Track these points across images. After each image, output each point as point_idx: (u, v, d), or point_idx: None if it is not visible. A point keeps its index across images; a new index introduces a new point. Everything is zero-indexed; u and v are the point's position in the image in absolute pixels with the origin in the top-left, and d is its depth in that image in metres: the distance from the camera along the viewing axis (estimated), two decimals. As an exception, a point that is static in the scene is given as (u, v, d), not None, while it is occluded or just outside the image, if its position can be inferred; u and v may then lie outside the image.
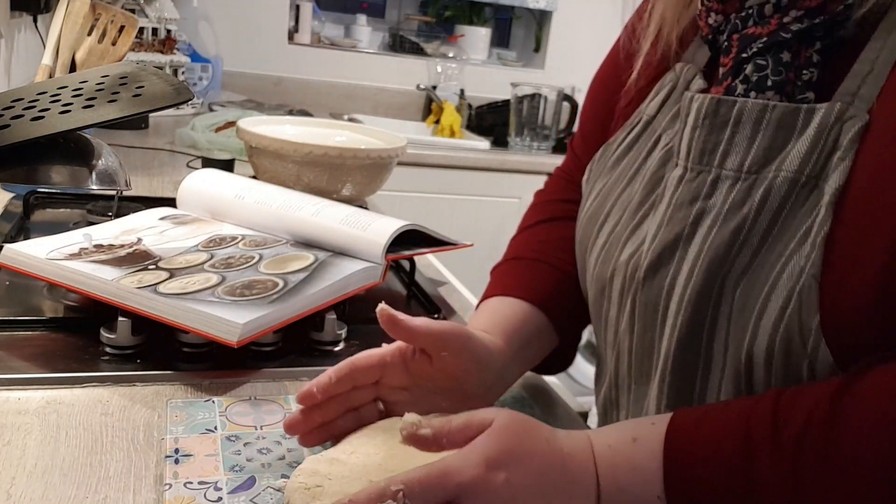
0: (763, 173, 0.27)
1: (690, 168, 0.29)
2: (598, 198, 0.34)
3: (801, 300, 0.24)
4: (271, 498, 0.27)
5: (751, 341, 0.26)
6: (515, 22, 1.71)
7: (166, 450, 0.30)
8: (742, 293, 0.26)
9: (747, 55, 0.29)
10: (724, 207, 0.28)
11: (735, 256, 0.27)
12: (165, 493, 0.27)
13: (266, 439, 0.31)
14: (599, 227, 0.33)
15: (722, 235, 0.27)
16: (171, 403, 0.33)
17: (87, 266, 0.39)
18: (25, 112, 0.45)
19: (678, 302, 0.28)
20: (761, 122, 0.27)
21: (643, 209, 0.31)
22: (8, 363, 0.35)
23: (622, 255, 0.31)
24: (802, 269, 0.25)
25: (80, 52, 0.63)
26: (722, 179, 0.28)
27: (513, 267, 0.39)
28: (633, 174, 0.33)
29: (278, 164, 0.60)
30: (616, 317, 0.32)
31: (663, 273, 0.29)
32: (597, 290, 0.33)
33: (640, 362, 0.31)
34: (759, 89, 0.28)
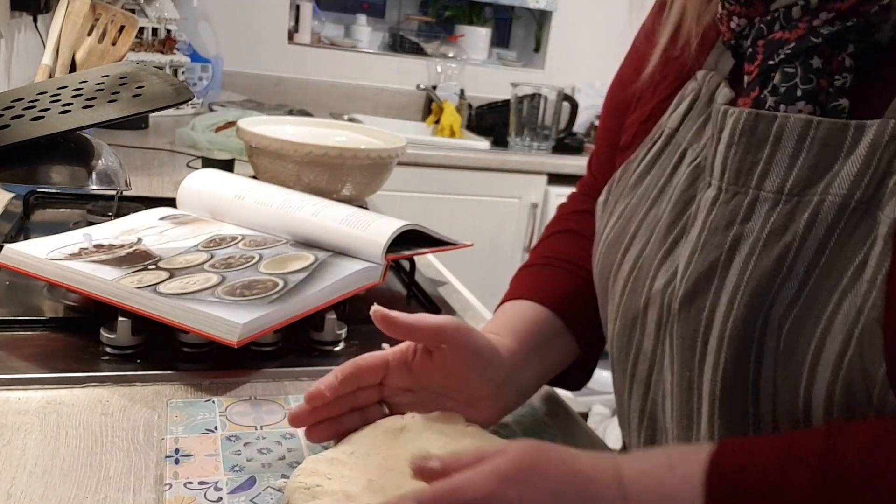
0: (807, 196, 0.25)
1: (725, 189, 0.27)
2: (620, 221, 0.32)
3: (863, 347, 0.22)
4: (271, 498, 0.27)
5: (807, 389, 0.24)
6: (515, 22, 1.71)
7: (166, 450, 0.30)
8: (790, 332, 0.24)
9: (774, 62, 0.26)
10: (764, 233, 0.25)
11: (779, 288, 0.25)
12: (165, 493, 0.27)
13: (266, 439, 0.31)
14: (624, 253, 0.31)
15: (764, 264, 0.25)
16: (171, 403, 0.33)
17: (87, 266, 0.39)
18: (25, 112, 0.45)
19: (718, 337, 0.26)
20: (805, 139, 0.25)
21: (674, 232, 0.29)
22: (8, 363, 0.35)
23: (656, 283, 0.29)
24: (860, 310, 0.22)
25: (80, 52, 0.63)
26: (760, 202, 0.26)
27: (528, 272, 0.38)
28: (658, 193, 0.30)
29: (278, 164, 0.60)
30: (652, 351, 0.29)
31: (699, 304, 0.26)
32: (626, 322, 0.30)
33: (681, 406, 0.28)
34: (788, 101, 0.26)
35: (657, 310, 0.29)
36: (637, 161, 0.32)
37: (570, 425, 0.36)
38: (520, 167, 1.26)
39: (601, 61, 1.63)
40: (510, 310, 0.35)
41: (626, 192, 0.32)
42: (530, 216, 1.28)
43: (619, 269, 0.31)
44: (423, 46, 1.56)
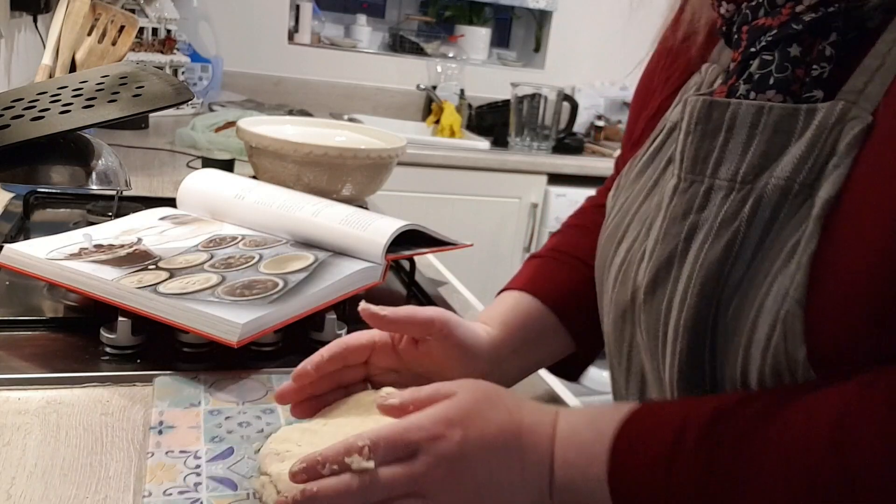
0: (758, 182, 0.25)
1: (684, 178, 0.27)
2: (618, 214, 0.32)
3: (786, 329, 0.22)
4: (247, 466, 0.28)
5: (743, 372, 0.24)
6: (515, 22, 1.70)
7: (151, 422, 0.30)
8: (732, 316, 0.24)
9: (755, 49, 0.26)
10: (717, 221, 0.25)
11: (728, 274, 0.25)
12: (147, 460, 0.28)
13: (247, 414, 0.32)
14: (617, 246, 0.31)
15: (714, 252, 0.25)
16: (158, 380, 0.34)
17: (87, 266, 0.39)
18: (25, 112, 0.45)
19: (675, 327, 0.26)
20: (757, 126, 0.25)
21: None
22: (8, 363, 0.35)
23: (638, 275, 0.29)
24: (786, 293, 0.22)
25: (80, 52, 0.63)
26: (715, 190, 0.26)
27: (533, 264, 0.38)
28: (652, 186, 0.30)
29: (278, 164, 0.60)
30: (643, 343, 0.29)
31: (660, 295, 0.27)
32: (617, 314, 0.30)
33: (660, 395, 0.29)
34: (759, 88, 0.25)
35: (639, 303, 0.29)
36: (640, 155, 0.32)
37: (546, 400, 0.36)
38: (520, 167, 1.26)
39: (601, 61, 1.63)
40: (507, 300, 0.36)
41: (627, 185, 0.32)
42: (530, 216, 1.28)
43: (612, 261, 0.31)
44: (423, 46, 1.56)
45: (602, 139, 1.50)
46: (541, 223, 1.28)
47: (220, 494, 0.26)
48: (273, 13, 1.43)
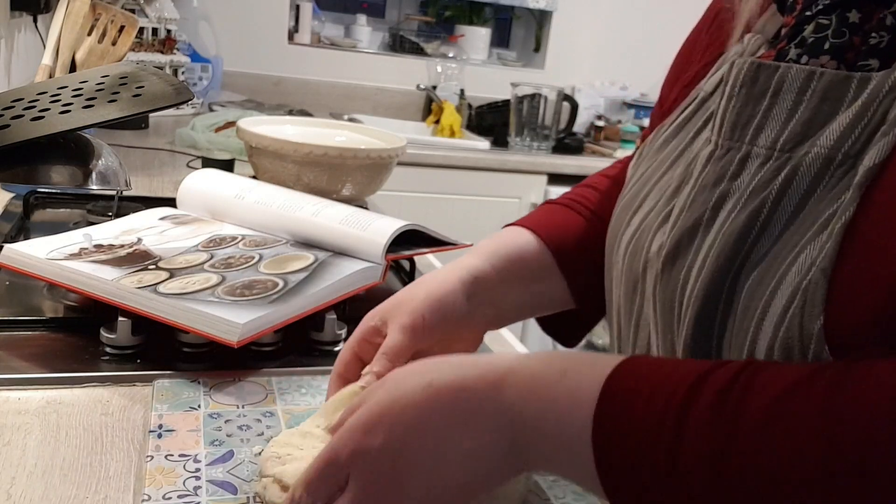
0: (798, 151, 0.23)
1: (721, 144, 0.25)
2: (637, 183, 0.30)
3: (806, 299, 0.21)
4: (247, 469, 0.28)
5: (750, 348, 0.22)
6: (515, 22, 1.71)
7: (150, 425, 0.30)
8: (749, 289, 0.22)
9: (811, 13, 0.24)
10: (748, 190, 0.23)
11: (751, 247, 0.23)
12: (147, 464, 0.28)
13: (247, 417, 0.32)
14: (632, 216, 0.29)
15: (738, 221, 0.23)
16: (157, 383, 0.34)
17: (87, 266, 0.39)
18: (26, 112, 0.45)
19: (688, 298, 0.24)
20: (805, 91, 0.23)
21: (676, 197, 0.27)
22: (8, 363, 0.35)
23: (653, 245, 0.27)
24: (813, 262, 0.21)
25: (80, 52, 0.63)
26: (752, 158, 0.24)
27: (544, 208, 0.37)
28: (676, 157, 0.28)
29: (278, 164, 0.60)
30: (652, 318, 0.28)
31: (680, 265, 0.25)
32: (628, 287, 0.29)
33: None
34: (813, 53, 0.23)
35: (654, 273, 0.27)
36: (668, 124, 0.31)
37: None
38: (520, 167, 1.26)
39: (601, 61, 1.63)
40: (504, 234, 0.35)
41: (650, 154, 0.31)
42: (530, 216, 1.28)
43: (625, 231, 0.29)
44: (423, 46, 1.56)
45: (602, 139, 1.50)
46: (541, 223, 1.28)
47: (219, 498, 0.26)
48: (273, 13, 1.43)
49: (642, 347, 0.29)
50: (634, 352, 0.30)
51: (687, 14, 0.40)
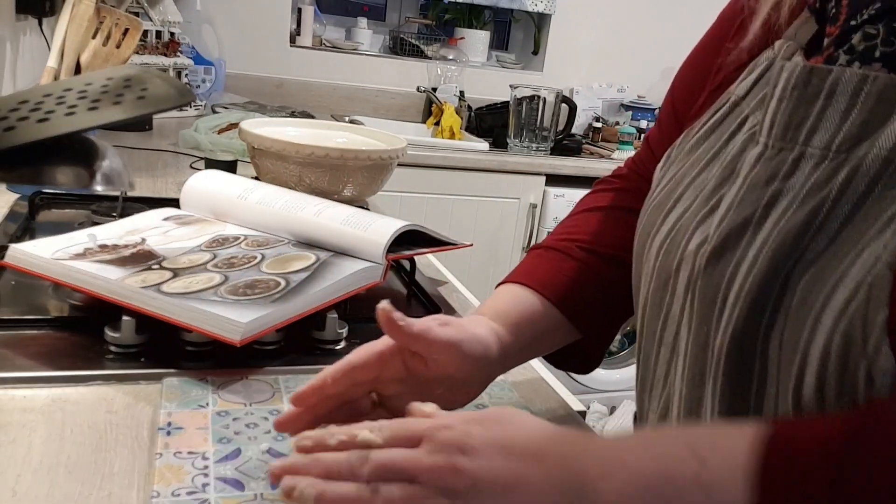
0: (855, 152, 0.23)
1: (772, 145, 0.26)
2: (669, 184, 0.30)
3: (871, 292, 0.21)
4: (255, 467, 0.28)
5: (808, 340, 0.22)
6: (514, 25, 1.71)
7: (159, 423, 0.31)
8: (806, 284, 0.23)
9: (857, 22, 0.25)
10: (804, 189, 0.24)
11: (808, 244, 0.23)
12: (156, 461, 0.28)
13: (254, 415, 0.32)
14: (666, 215, 0.29)
15: (795, 220, 0.24)
16: (166, 381, 0.34)
17: (92, 266, 0.39)
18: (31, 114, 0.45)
19: (737, 292, 0.24)
20: (859, 94, 0.24)
21: (718, 195, 0.27)
22: (14, 362, 0.35)
23: (690, 244, 0.27)
24: (878, 258, 0.21)
25: (84, 54, 0.63)
26: (806, 158, 0.24)
27: (539, 256, 0.36)
28: (710, 158, 0.29)
29: (280, 165, 0.60)
30: (680, 313, 0.28)
31: (727, 260, 0.25)
32: (658, 284, 0.29)
33: (693, 363, 0.27)
34: (864, 60, 0.24)
35: (688, 271, 0.27)
36: (699, 126, 0.31)
37: (568, 423, 0.37)
38: (519, 168, 1.26)
39: (599, 63, 1.64)
40: (511, 295, 0.34)
41: (681, 156, 0.31)
42: (529, 216, 1.28)
43: (659, 230, 0.30)
44: (424, 49, 1.56)
45: (600, 140, 1.50)
46: (539, 223, 1.28)
47: (228, 495, 0.27)
48: (275, 16, 1.43)
49: (668, 343, 0.29)
50: (660, 347, 0.30)
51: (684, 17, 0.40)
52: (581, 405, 0.39)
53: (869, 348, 0.21)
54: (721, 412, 0.26)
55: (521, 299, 0.34)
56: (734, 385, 0.25)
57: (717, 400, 0.26)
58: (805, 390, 0.23)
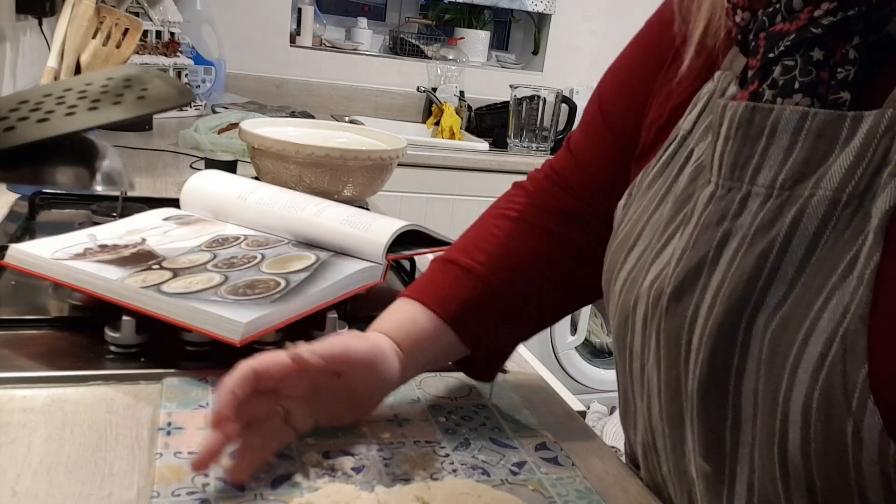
0: (797, 190, 0.24)
1: (721, 184, 0.26)
2: (629, 223, 0.31)
3: (846, 346, 0.21)
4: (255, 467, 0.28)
5: (786, 396, 0.22)
6: (514, 25, 1.71)
7: (159, 423, 0.31)
8: (774, 335, 0.23)
9: (774, 55, 0.25)
10: (752, 229, 0.24)
11: (765, 288, 0.23)
12: (156, 461, 0.28)
13: None
14: (627, 253, 0.30)
15: (747, 262, 0.24)
16: (166, 381, 0.34)
17: (92, 266, 0.39)
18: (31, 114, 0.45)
19: (699, 336, 0.25)
20: (800, 131, 0.24)
21: (669, 230, 0.28)
22: (14, 362, 0.35)
23: (645, 280, 0.28)
24: (847, 309, 0.21)
25: (84, 54, 0.64)
26: (752, 197, 0.25)
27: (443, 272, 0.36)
28: (663, 194, 0.30)
29: (280, 165, 0.60)
30: (641, 350, 0.29)
31: (686, 302, 0.26)
32: (620, 321, 0.30)
33: (669, 404, 0.28)
34: (786, 93, 0.25)
35: (644, 307, 0.28)
36: (653, 164, 0.32)
37: (567, 423, 0.37)
38: (519, 168, 1.26)
39: (599, 64, 1.62)
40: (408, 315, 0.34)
41: (639, 194, 0.32)
42: (530, 217, 1.28)
43: (621, 269, 0.30)
44: (424, 49, 1.57)
45: (602, 141, 1.50)
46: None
47: (228, 495, 0.27)
48: (275, 16, 1.43)
49: (637, 378, 0.30)
50: (632, 382, 0.30)
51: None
52: (581, 405, 0.39)
53: (853, 406, 0.21)
54: (701, 455, 0.27)
55: (417, 319, 0.34)
56: (709, 430, 0.26)
57: (696, 441, 0.26)
58: (790, 445, 0.23)
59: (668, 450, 0.29)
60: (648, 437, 0.31)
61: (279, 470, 0.29)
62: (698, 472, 0.27)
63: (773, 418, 0.23)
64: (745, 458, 0.25)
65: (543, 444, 0.33)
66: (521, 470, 0.31)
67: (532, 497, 0.29)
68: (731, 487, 0.26)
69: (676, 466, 0.29)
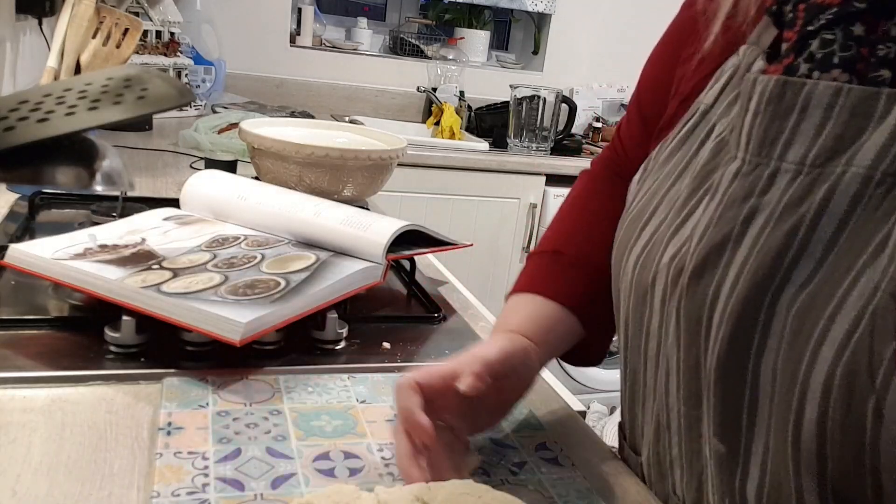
0: (829, 167, 0.23)
1: (748, 160, 0.25)
2: (644, 196, 0.31)
3: (874, 323, 0.20)
4: (255, 468, 0.28)
5: (806, 372, 0.22)
6: (514, 25, 1.71)
7: (159, 423, 0.31)
8: (798, 312, 0.22)
9: (814, 28, 0.24)
10: (780, 206, 0.24)
11: (791, 266, 0.23)
12: (156, 461, 0.28)
13: (255, 415, 0.32)
14: (642, 228, 0.30)
15: (774, 238, 0.23)
16: (166, 381, 0.34)
17: (92, 266, 0.39)
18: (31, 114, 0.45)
19: (721, 313, 0.24)
20: (833, 107, 0.23)
21: (689, 205, 0.27)
22: (14, 362, 0.35)
23: (664, 256, 0.27)
24: (877, 286, 0.21)
25: (84, 54, 0.64)
26: (781, 173, 0.24)
27: (544, 264, 0.36)
28: (682, 168, 0.29)
29: (280, 165, 0.60)
30: (659, 328, 0.28)
31: (708, 279, 0.25)
32: (637, 298, 0.29)
33: (688, 382, 0.27)
34: (824, 67, 0.24)
35: (663, 283, 0.27)
36: (671, 138, 0.31)
37: (568, 423, 0.37)
38: (519, 168, 1.27)
39: (599, 63, 1.64)
40: (531, 308, 0.34)
41: (656, 168, 0.31)
42: (529, 216, 1.28)
43: (635, 244, 0.30)
44: (424, 49, 1.57)
45: (600, 140, 1.50)
46: (539, 223, 1.28)
47: (228, 495, 0.27)
48: (275, 16, 1.43)
49: (653, 357, 0.29)
50: (646, 361, 0.30)
51: (684, 17, 0.41)
52: (581, 405, 0.39)
53: (877, 383, 0.20)
54: (716, 434, 0.26)
55: (540, 310, 0.34)
56: (726, 408, 0.26)
57: (712, 420, 0.26)
58: (805, 425, 0.22)
59: (682, 430, 0.28)
60: (663, 418, 0.30)
61: (279, 470, 0.29)
62: (712, 452, 0.27)
63: (790, 396, 0.23)
64: (761, 437, 0.24)
65: (543, 445, 0.33)
66: (522, 470, 0.31)
67: (532, 497, 0.29)
68: (745, 468, 0.25)
69: (690, 447, 0.28)
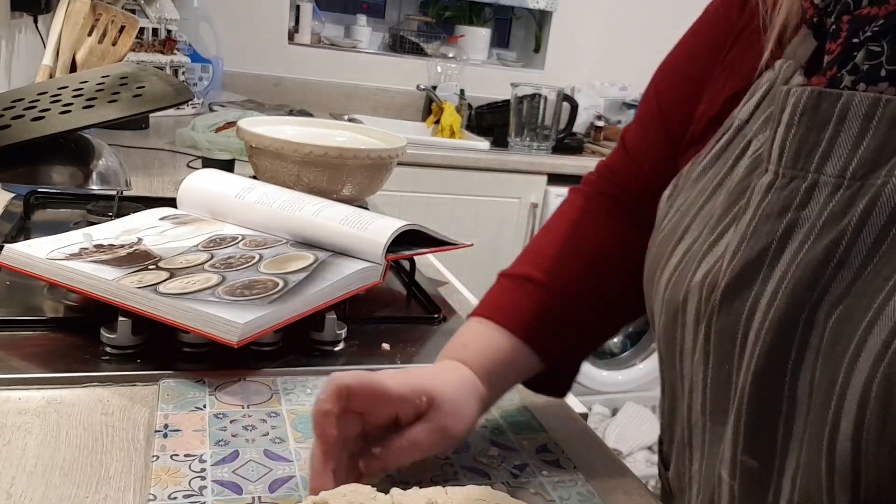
0: (870, 179, 0.23)
1: (782, 174, 0.25)
2: (677, 214, 0.30)
3: None
4: (253, 470, 0.28)
5: (843, 384, 0.21)
6: (515, 22, 1.71)
7: (156, 425, 0.30)
8: (836, 324, 0.22)
9: (859, 40, 0.24)
10: (821, 220, 0.23)
11: (830, 279, 0.23)
12: (153, 463, 0.28)
13: (252, 417, 0.32)
14: (675, 246, 0.29)
15: (814, 253, 0.23)
16: (163, 383, 0.34)
17: (88, 266, 0.39)
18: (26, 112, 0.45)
19: (757, 330, 0.24)
20: (871, 118, 0.23)
21: (724, 223, 0.27)
22: (8, 363, 0.35)
23: (696, 274, 0.27)
24: None
25: (80, 52, 0.63)
26: (820, 187, 0.24)
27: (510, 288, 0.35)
28: (716, 185, 0.28)
29: (278, 164, 0.60)
30: (692, 346, 0.28)
31: (744, 296, 0.25)
32: (669, 317, 0.29)
33: (715, 398, 0.27)
34: (870, 80, 0.23)
35: (696, 302, 0.27)
36: (703, 155, 0.30)
37: (569, 425, 0.36)
38: (519, 167, 1.26)
39: (601, 62, 1.64)
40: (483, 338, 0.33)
41: (688, 185, 0.30)
42: (530, 216, 1.28)
43: (668, 262, 0.29)
44: (423, 47, 1.56)
45: (602, 139, 1.50)
46: (540, 223, 1.28)
47: (225, 498, 0.26)
48: (273, 13, 1.43)
49: (686, 374, 0.29)
50: (682, 379, 0.29)
51: (686, 14, 0.40)
52: (583, 407, 0.39)
53: None
54: (746, 450, 0.26)
55: (493, 342, 0.33)
56: (760, 424, 0.25)
57: (742, 436, 0.26)
58: (840, 437, 0.22)
59: (705, 446, 0.28)
60: (686, 435, 0.29)
61: (277, 472, 0.28)
62: (739, 468, 0.26)
63: (826, 409, 0.22)
64: (794, 452, 0.24)
65: (545, 447, 0.33)
66: (523, 472, 0.31)
67: (533, 500, 0.29)
68: (778, 482, 0.25)
69: (709, 465, 0.28)
